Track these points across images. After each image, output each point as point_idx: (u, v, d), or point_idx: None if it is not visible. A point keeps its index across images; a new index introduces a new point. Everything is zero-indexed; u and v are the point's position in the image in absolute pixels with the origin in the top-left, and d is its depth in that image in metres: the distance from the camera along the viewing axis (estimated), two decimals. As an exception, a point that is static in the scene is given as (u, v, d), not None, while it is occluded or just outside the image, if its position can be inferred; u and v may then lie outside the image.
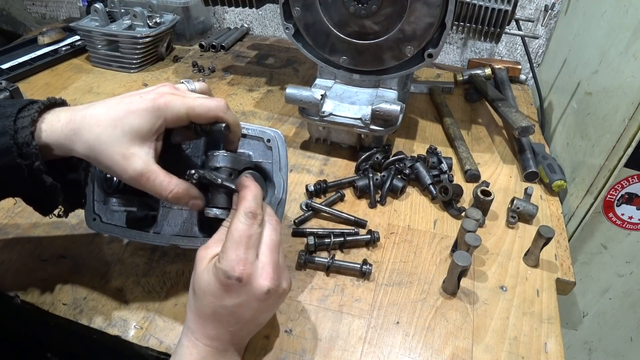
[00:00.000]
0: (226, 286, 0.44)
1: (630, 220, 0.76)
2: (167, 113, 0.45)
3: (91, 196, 0.56)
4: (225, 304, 0.45)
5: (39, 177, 0.45)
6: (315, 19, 0.78)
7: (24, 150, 0.43)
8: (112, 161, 0.44)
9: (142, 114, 0.44)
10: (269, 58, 1.27)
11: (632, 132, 0.66)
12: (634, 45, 0.69)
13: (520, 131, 0.83)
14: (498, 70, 1.12)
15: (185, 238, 0.55)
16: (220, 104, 0.47)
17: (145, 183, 0.45)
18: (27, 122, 0.43)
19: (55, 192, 0.48)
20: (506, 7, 0.73)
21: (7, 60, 1.11)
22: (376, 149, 0.83)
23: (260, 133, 0.56)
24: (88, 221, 0.57)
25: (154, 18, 1.14)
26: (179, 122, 0.47)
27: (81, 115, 0.45)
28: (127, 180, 0.45)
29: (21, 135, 0.43)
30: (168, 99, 0.45)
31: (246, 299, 0.44)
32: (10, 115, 0.43)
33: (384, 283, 0.63)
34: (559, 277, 0.66)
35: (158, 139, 0.47)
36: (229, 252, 0.43)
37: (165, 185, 0.46)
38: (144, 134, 0.44)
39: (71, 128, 0.44)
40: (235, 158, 0.49)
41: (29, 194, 0.50)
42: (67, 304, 0.58)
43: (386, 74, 0.83)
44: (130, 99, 0.45)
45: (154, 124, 0.45)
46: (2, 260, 0.64)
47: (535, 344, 0.56)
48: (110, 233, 0.57)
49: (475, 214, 0.69)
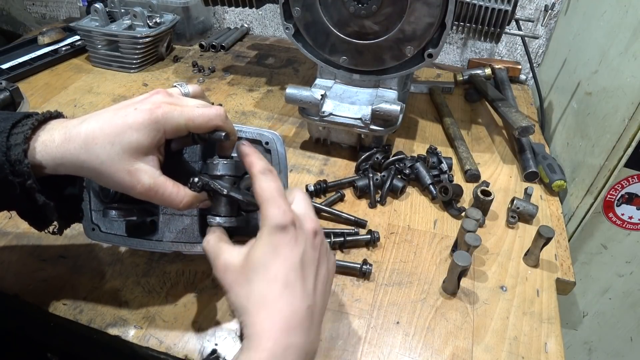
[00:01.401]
0: (284, 238, 0.41)
1: (630, 220, 0.76)
2: (167, 126, 0.44)
3: (88, 206, 0.55)
4: (292, 261, 0.41)
5: (32, 195, 0.43)
6: (315, 19, 0.78)
7: (17, 168, 0.41)
8: (118, 179, 0.43)
9: (140, 129, 0.43)
10: (269, 58, 1.27)
11: (632, 132, 0.66)
12: (634, 45, 0.69)
13: (520, 131, 0.83)
14: (498, 70, 1.12)
15: (188, 244, 0.55)
16: (220, 112, 0.47)
17: (155, 196, 0.45)
18: (20, 140, 0.42)
19: (48, 210, 0.46)
20: (506, 7, 0.73)
21: (7, 60, 1.11)
22: (376, 149, 0.83)
23: (257, 136, 0.56)
24: (87, 232, 0.57)
25: (154, 18, 1.14)
26: (179, 134, 0.46)
27: (76, 133, 0.43)
28: (136, 196, 0.44)
29: (14, 153, 0.41)
30: (166, 110, 0.44)
31: (304, 247, 0.42)
32: (3, 130, 0.42)
33: (384, 283, 0.63)
34: (559, 277, 0.66)
35: (159, 150, 0.46)
36: (270, 210, 0.42)
37: (174, 196, 0.45)
38: (145, 148, 0.43)
39: (66, 149, 0.42)
40: (235, 165, 0.49)
41: (22, 209, 0.48)
42: (67, 304, 0.58)
43: (386, 74, 0.83)
44: (125, 112, 0.44)
45: (154, 138, 0.44)
46: (2, 260, 0.64)
47: (535, 344, 0.56)
48: (111, 242, 0.57)
49: (475, 214, 0.69)
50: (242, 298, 0.41)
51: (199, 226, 0.55)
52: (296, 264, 0.41)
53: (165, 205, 0.46)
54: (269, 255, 0.41)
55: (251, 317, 0.40)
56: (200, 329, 0.56)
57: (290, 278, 0.41)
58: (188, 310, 0.58)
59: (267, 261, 0.41)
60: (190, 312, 0.58)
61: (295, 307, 0.40)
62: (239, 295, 0.41)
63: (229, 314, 0.58)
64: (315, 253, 0.44)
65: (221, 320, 0.57)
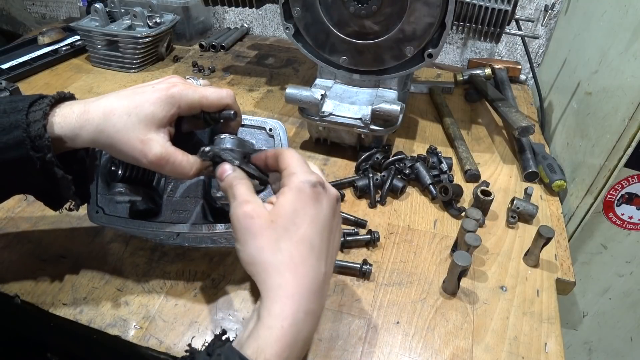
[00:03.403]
0: (313, 196, 0.42)
1: (630, 220, 0.76)
2: (181, 101, 0.47)
3: (95, 189, 0.57)
4: (319, 223, 0.41)
5: (51, 170, 0.46)
6: (315, 19, 0.78)
7: (37, 143, 0.44)
8: (131, 147, 0.45)
9: (156, 103, 0.46)
10: (269, 58, 1.27)
11: (632, 132, 0.66)
12: (634, 45, 0.69)
13: (520, 131, 0.83)
14: (498, 70, 1.12)
15: (191, 226, 0.55)
16: (230, 92, 0.51)
17: (165, 165, 0.46)
18: (39, 116, 0.44)
19: (66, 184, 0.49)
20: (506, 7, 0.73)
21: (7, 60, 1.11)
22: (376, 149, 0.83)
23: (262, 123, 0.59)
24: (91, 214, 0.57)
25: (154, 18, 1.14)
26: (192, 110, 0.49)
27: (95, 106, 0.46)
28: (147, 165, 0.46)
29: (34, 129, 0.44)
30: (181, 88, 0.48)
31: (328, 210, 0.43)
32: (22, 109, 0.44)
33: (384, 283, 0.63)
34: (559, 277, 0.66)
35: (171, 125, 0.48)
36: (300, 172, 0.43)
37: (185, 164, 0.47)
38: (158, 120, 0.46)
39: (86, 118, 0.45)
40: (241, 141, 0.51)
41: (39, 188, 0.50)
42: (67, 304, 0.58)
43: (386, 74, 0.83)
44: (143, 89, 0.47)
45: (168, 111, 0.47)
46: (2, 260, 0.64)
47: (535, 344, 0.56)
48: (114, 225, 0.56)
49: (475, 214, 0.69)
50: (267, 253, 0.39)
51: (201, 209, 0.55)
52: (323, 226, 0.42)
53: (174, 175, 0.48)
54: (300, 213, 0.41)
55: (274, 276, 0.38)
56: (200, 329, 0.56)
57: (316, 241, 0.41)
58: (188, 310, 0.58)
59: (297, 219, 0.40)
60: (190, 312, 0.58)
61: (317, 272, 0.40)
62: (264, 249, 0.39)
63: (229, 314, 0.58)
64: (335, 219, 0.45)
65: (221, 320, 0.57)
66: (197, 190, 0.57)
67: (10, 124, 0.44)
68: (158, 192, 0.59)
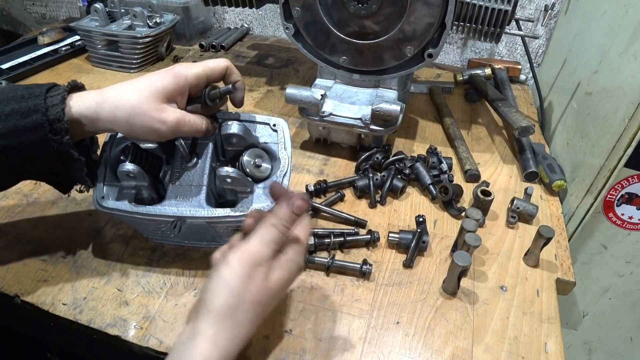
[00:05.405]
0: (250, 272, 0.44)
1: (630, 220, 0.76)
2: (187, 74, 0.53)
3: (102, 176, 0.58)
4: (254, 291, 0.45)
5: (67, 152, 0.49)
6: (315, 19, 0.78)
7: (55, 126, 0.47)
8: (149, 117, 0.50)
9: (164, 78, 0.51)
10: (269, 58, 1.27)
11: (632, 132, 0.66)
12: (634, 45, 0.69)
13: (520, 131, 0.83)
14: (498, 70, 1.12)
15: (193, 209, 0.56)
16: (227, 60, 0.57)
17: (183, 126, 0.52)
18: (58, 100, 0.48)
19: (79, 167, 0.52)
20: (506, 7, 0.73)
21: (7, 60, 1.11)
22: (376, 149, 0.83)
23: (266, 119, 0.63)
24: (96, 202, 0.57)
25: (154, 18, 1.14)
26: (199, 80, 0.54)
27: (108, 89, 0.51)
28: (166, 131, 0.51)
29: (52, 112, 0.47)
30: (186, 65, 0.54)
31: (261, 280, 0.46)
32: (40, 94, 0.47)
33: (384, 283, 0.63)
34: (559, 277, 0.66)
35: (182, 100, 0.53)
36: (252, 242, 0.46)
37: (197, 120, 0.54)
38: (169, 92, 0.51)
39: (102, 98, 0.50)
40: (246, 128, 0.58)
41: (51, 171, 0.53)
42: (67, 304, 0.58)
43: (386, 74, 0.83)
44: (150, 74, 0.53)
45: (177, 83, 0.52)
46: (2, 260, 0.64)
47: (535, 344, 0.56)
48: (118, 211, 0.56)
49: (475, 214, 0.69)
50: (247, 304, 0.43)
51: (204, 195, 0.56)
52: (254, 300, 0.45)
53: (191, 133, 0.54)
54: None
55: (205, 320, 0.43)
56: (200, 329, 0.56)
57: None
58: (188, 310, 0.58)
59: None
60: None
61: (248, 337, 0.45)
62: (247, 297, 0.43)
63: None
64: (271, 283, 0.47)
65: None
66: (201, 179, 0.58)
67: (29, 108, 0.46)
68: (163, 185, 0.61)
